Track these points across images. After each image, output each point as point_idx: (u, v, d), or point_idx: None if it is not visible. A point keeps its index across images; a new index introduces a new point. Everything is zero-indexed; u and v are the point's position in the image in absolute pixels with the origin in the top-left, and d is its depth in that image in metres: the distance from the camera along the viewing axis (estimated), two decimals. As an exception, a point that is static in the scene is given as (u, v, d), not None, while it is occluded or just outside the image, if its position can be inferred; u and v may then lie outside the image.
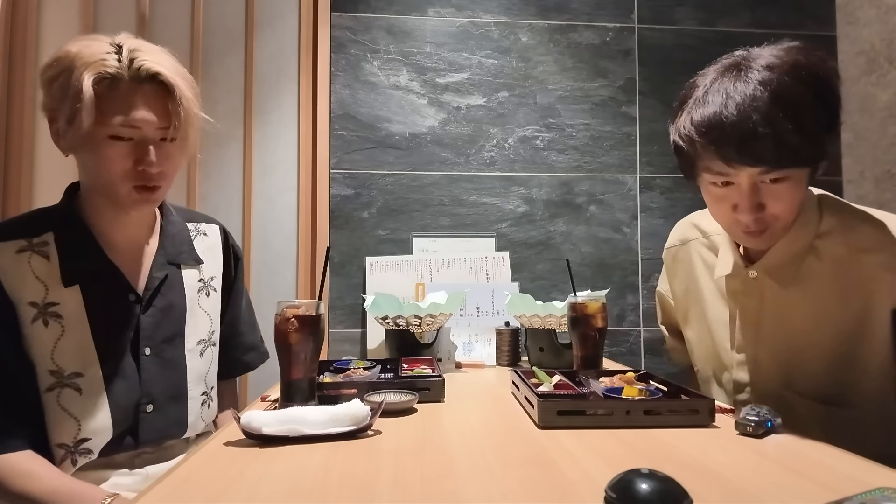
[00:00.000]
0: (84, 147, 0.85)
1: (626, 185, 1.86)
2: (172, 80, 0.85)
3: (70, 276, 0.88)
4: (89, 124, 0.81)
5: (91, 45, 0.84)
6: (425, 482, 0.60)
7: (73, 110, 0.80)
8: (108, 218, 0.92)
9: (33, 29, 1.71)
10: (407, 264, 1.72)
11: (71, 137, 0.83)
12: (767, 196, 0.84)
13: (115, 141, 0.84)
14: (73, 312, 0.88)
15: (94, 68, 0.81)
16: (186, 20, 1.77)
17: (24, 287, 0.85)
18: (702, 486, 0.57)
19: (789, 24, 1.92)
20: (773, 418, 0.77)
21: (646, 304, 1.84)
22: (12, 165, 1.67)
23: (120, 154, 0.85)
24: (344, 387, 0.96)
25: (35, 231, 0.89)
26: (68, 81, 0.80)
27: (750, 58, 0.85)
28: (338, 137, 1.78)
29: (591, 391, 0.90)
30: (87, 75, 0.80)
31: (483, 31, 1.85)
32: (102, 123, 0.82)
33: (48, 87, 0.84)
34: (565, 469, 0.63)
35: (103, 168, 0.85)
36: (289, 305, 0.87)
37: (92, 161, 0.86)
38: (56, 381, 0.86)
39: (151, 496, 0.57)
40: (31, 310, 0.85)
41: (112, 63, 0.82)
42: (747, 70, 0.82)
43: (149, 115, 0.85)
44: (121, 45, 0.85)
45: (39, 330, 0.86)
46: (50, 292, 0.87)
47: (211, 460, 0.68)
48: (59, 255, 0.88)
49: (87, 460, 0.87)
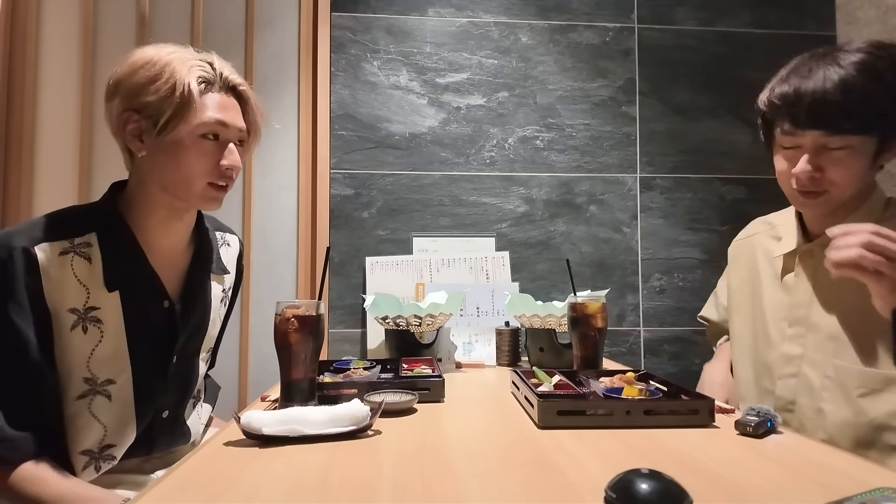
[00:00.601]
0: (169, 146, 0.87)
1: (626, 185, 1.86)
2: (249, 93, 0.95)
3: (113, 281, 0.87)
4: (195, 122, 0.86)
5: (179, 52, 0.89)
6: (425, 482, 0.60)
7: (177, 109, 0.85)
8: (157, 220, 0.93)
9: (33, 29, 1.71)
10: (407, 264, 1.72)
11: (159, 137, 0.86)
12: (828, 162, 0.92)
13: (204, 140, 0.89)
14: (112, 317, 0.87)
15: (196, 72, 0.87)
16: (186, 20, 1.77)
17: (66, 292, 0.84)
18: (702, 486, 0.57)
19: (789, 24, 1.92)
20: (773, 418, 0.77)
21: (646, 304, 1.84)
22: (12, 165, 1.67)
23: (206, 151, 0.89)
24: (344, 387, 0.96)
25: (77, 231, 0.87)
26: (171, 81, 0.85)
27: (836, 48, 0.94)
28: (338, 137, 1.78)
29: (591, 391, 0.90)
30: (191, 77, 0.86)
31: (483, 31, 1.85)
32: (199, 122, 0.87)
33: (141, 89, 0.85)
34: (565, 469, 0.63)
35: (187, 165, 0.88)
36: (289, 305, 0.87)
37: (174, 159, 0.88)
38: (90, 388, 0.86)
39: (151, 496, 0.57)
40: (72, 316, 0.84)
41: (208, 70, 0.89)
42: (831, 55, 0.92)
43: (236, 118, 0.92)
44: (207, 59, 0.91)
45: (78, 337, 0.85)
46: (91, 296, 0.85)
47: (211, 460, 0.68)
48: (102, 257, 0.87)
49: (109, 466, 0.88)
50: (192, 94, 0.86)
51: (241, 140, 0.94)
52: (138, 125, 0.87)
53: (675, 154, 1.87)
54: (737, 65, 1.89)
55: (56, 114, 1.71)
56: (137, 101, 0.86)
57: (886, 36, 1.75)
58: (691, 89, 1.89)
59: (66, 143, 1.70)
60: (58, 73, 1.72)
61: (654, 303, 1.84)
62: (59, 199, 1.67)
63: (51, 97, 1.71)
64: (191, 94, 0.85)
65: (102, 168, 1.71)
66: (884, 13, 1.76)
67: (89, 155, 1.70)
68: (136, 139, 0.88)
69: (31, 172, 1.68)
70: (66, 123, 1.71)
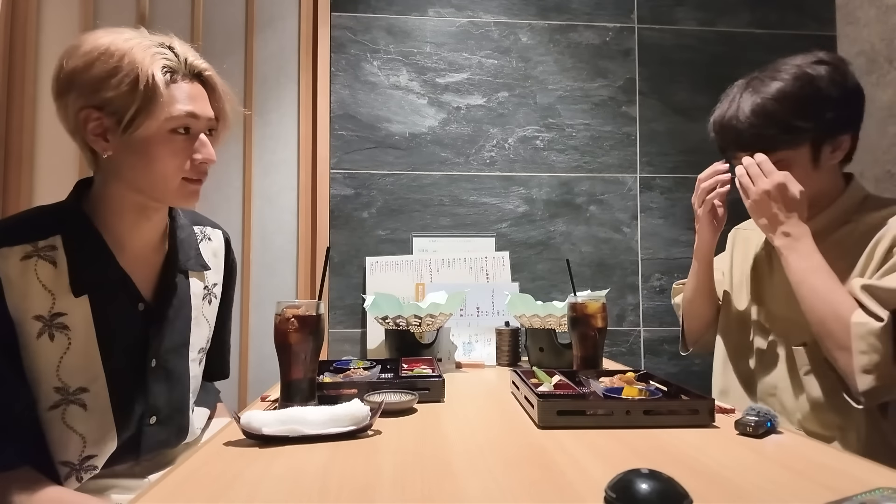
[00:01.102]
0: (137, 144, 0.81)
1: (625, 185, 1.86)
2: (216, 78, 0.87)
3: (80, 285, 0.82)
4: (164, 116, 0.79)
5: (136, 38, 0.81)
6: (425, 482, 0.60)
7: (142, 104, 0.78)
8: (128, 221, 0.87)
9: (33, 29, 1.71)
10: (407, 264, 1.72)
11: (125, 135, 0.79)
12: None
13: (174, 135, 0.82)
14: (81, 323, 0.82)
15: (158, 62, 0.79)
16: (186, 20, 1.77)
17: (29, 299, 0.79)
18: (702, 486, 0.57)
19: (789, 24, 1.92)
20: (773, 418, 0.77)
21: (646, 303, 1.84)
22: (12, 165, 1.67)
23: (178, 148, 0.83)
24: (344, 387, 0.96)
25: (41, 233, 0.81)
26: (133, 75, 0.77)
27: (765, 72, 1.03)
28: (338, 137, 1.78)
29: (591, 391, 0.90)
30: (155, 68, 0.78)
31: (483, 31, 1.85)
32: (168, 116, 0.81)
33: (99, 83, 0.78)
34: (565, 469, 0.63)
35: (159, 163, 0.82)
36: (289, 305, 0.87)
37: (144, 158, 0.82)
38: (61, 398, 0.81)
39: (151, 496, 0.57)
40: (37, 324, 0.79)
41: (171, 57, 0.81)
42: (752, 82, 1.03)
43: (206, 108, 0.85)
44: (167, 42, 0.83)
45: (45, 345, 0.80)
46: (57, 302, 0.80)
47: (211, 460, 0.68)
48: (68, 261, 0.81)
49: (91, 475, 0.84)
50: (157, 87, 0.78)
51: (210, 129, 0.88)
52: (100, 123, 0.80)
53: (675, 154, 1.87)
54: (737, 65, 1.88)
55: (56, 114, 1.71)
56: (97, 97, 0.79)
57: (887, 35, 1.75)
58: (691, 89, 1.89)
59: (66, 142, 1.69)
60: (58, 73, 1.72)
61: (654, 303, 1.84)
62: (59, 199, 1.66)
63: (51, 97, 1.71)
64: (156, 87, 0.78)
65: (102, 168, 1.71)
66: (884, 13, 1.76)
67: (89, 155, 1.70)
68: (100, 138, 0.81)
69: (31, 172, 1.68)
70: (66, 123, 1.71)
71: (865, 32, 1.82)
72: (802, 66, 0.99)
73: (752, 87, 1.01)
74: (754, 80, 1.02)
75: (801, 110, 0.97)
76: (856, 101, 1.00)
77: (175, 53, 0.82)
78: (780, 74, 0.99)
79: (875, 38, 1.79)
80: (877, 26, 1.79)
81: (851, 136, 1.00)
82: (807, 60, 1.00)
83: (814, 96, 0.97)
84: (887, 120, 1.75)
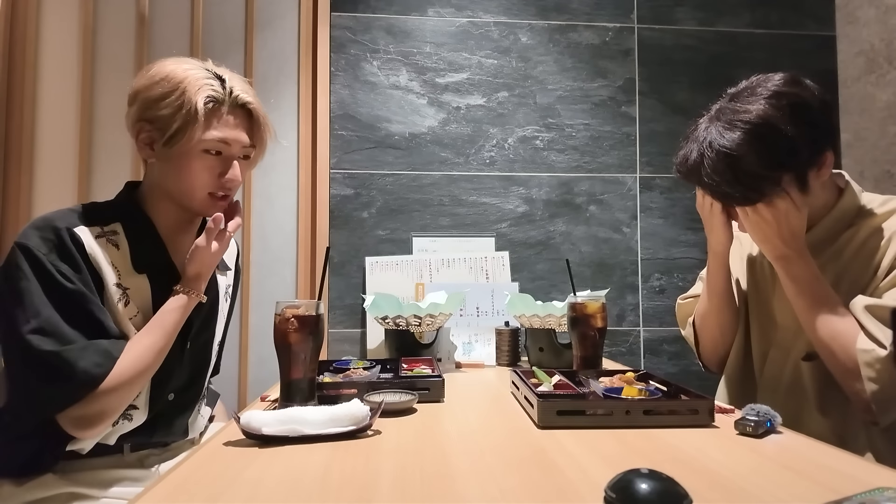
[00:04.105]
0: (175, 157, 0.94)
1: (625, 185, 1.86)
2: (258, 110, 1.00)
3: (140, 265, 0.95)
4: (198, 138, 0.92)
5: (194, 69, 0.95)
6: (425, 482, 0.60)
7: (182, 125, 0.91)
8: (173, 219, 1.00)
9: (33, 29, 1.71)
10: (407, 264, 1.72)
11: (166, 148, 0.93)
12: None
13: (206, 154, 0.95)
14: (142, 299, 0.94)
15: (205, 91, 0.92)
16: (186, 20, 1.77)
17: (105, 270, 0.90)
18: (702, 486, 0.57)
19: (789, 24, 1.92)
20: (773, 418, 0.77)
21: (645, 303, 1.84)
22: (12, 165, 1.67)
23: (208, 166, 0.96)
24: (344, 387, 0.96)
25: (105, 220, 0.94)
26: (181, 100, 0.91)
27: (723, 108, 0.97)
28: (337, 137, 1.78)
29: (591, 391, 0.90)
30: (199, 97, 0.91)
31: (483, 31, 1.85)
32: (201, 139, 0.93)
33: (155, 102, 0.92)
34: (565, 469, 0.63)
35: (189, 176, 0.95)
36: (288, 305, 0.87)
37: (178, 169, 0.95)
38: None
39: (151, 496, 0.57)
40: (117, 290, 0.92)
41: (218, 89, 0.94)
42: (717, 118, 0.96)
43: (240, 136, 0.97)
44: (219, 75, 0.96)
45: (122, 310, 0.92)
46: (122, 278, 0.92)
47: (211, 460, 0.68)
48: (129, 244, 0.94)
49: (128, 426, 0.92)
50: (197, 112, 0.91)
51: (245, 155, 1.00)
52: (150, 134, 0.94)
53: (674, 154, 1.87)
54: (737, 65, 1.89)
55: (56, 114, 1.71)
56: (150, 112, 0.93)
57: (886, 35, 1.75)
58: (691, 89, 1.89)
59: (66, 143, 1.70)
60: (58, 73, 1.72)
61: (654, 303, 1.84)
62: (59, 199, 1.67)
63: (51, 97, 1.71)
64: (196, 113, 0.91)
65: (102, 168, 1.71)
66: (884, 13, 1.76)
67: (89, 155, 1.70)
68: (147, 147, 0.95)
69: (31, 172, 1.68)
70: (66, 123, 1.71)
71: (865, 32, 1.82)
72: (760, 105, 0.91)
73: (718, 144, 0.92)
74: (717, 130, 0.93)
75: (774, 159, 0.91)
76: (824, 119, 0.94)
77: (223, 86, 0.95)
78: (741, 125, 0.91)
79: (875, 38, 1.79)
80: (877, 26, 1.79)
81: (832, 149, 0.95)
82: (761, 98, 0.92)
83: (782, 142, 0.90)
84: (887, 120, 1.75)
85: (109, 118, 1.73)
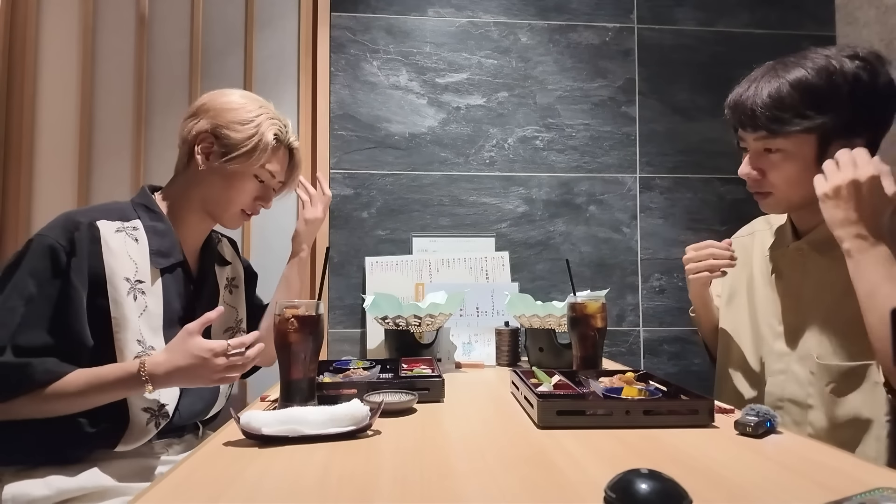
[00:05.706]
0: (228, 173, 1.09)
1: (625, 185, 1.86)
2: (300, 155, 1.21)
3: (158, 260, 1.03)
4: (256, 165, 1.09)
5: (267, 108, 1.13)
6: (425, 482, 0.60)
7: (249, 150, 1.07)
8: (192, 220, 1.12)
9: (33, 29, 1.71)
10: (406, 264, 1.72)
11: (223, 163, 1.07)
12: (767, 165, 1.00)
13: (254, 179, 1.12)
14: (154, 292, 1.01)
15: (275, 129, 1.11)
16: (186, 20, 1.77)
17: (120, 262, 0.97)
18: (702, 486, 0.57)
19: (789, 25, 1.92)
20: (773, 418, 0.77)
21: (645, 303, 1.84)
22: (12, 165, 1.67)
23: (251, 188, 1.13)
24: (344, 387, 0.96)
25: (126, 216, 1.03)
26: (255, 130, 1.08)
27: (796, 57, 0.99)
28: (337, 137, 1.78)
29: (591, 391, 0.90)
30: (270, 132, 1.10)
31: (483, 31, 1.85)
32: (258, 166, 1.10)
33: (231, 123, 1.07)
34: (565, 469, 0.63)
35: (233, 192, 1.11)
36: (288, 305, 0.87)
37: (226, 183, 1.10)
38: (142, 350, 0.97)
39: (151, 496, 0.57)
40: (126, 283, 0.97)
41: (282, 129, 1.14)
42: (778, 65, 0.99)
43: (282, 172, 1.17)
44: (283, 120, 1.15)
45: (131, 302, 0.97)
46: (139, 271, 1.00)
47: (211, 460, 0.68)
48: (148, 240, 1.02)
49: (166, 421, 0.98)
50: (266, 146, 1.09)
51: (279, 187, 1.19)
52: (211, 147, 1.08)
53: (674, 154, 1.87)
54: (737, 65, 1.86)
55: (56, 114, 1.71)
56: (221, 130, 1.07)
57: (886, 35, 1.75)
58: (691, 89, 1.89)
59: (66, 143, 1.70)
60: (58, 73, 1.72)
61: (654, 303, 1.84)
62: (59, 199, 1.67)
63: (51, 97, 1.71)
64: (266, 145, 1.09)
65: (102, 168, 1.71)
66: (883, 13, 1.76)
67: (89, 155, 1.70)
68: (204, 156, 1.08)
69: (31, 172, 1.68)
70: (66, 123, 1.71)
71: (865, 33, 1.82)
72: (830, 57, 0.94)
73: (775, 71, 0.98)
74: (779, 64, 0.98)
75: (814, 102, 0.92)
76: (882, 105, 0.94)
77: (286, 129, 1.15)
78: (804, 62, 0.95)
79: (875, 38, 1.79)
80: (876, 26, 1.79)
81: (869, 140, 0.93)
82: (839, 53, 0.94)
83: (831, 91, 0.92)
84: (887, 120, 1.75)
85: (109, 118, 1.73)
